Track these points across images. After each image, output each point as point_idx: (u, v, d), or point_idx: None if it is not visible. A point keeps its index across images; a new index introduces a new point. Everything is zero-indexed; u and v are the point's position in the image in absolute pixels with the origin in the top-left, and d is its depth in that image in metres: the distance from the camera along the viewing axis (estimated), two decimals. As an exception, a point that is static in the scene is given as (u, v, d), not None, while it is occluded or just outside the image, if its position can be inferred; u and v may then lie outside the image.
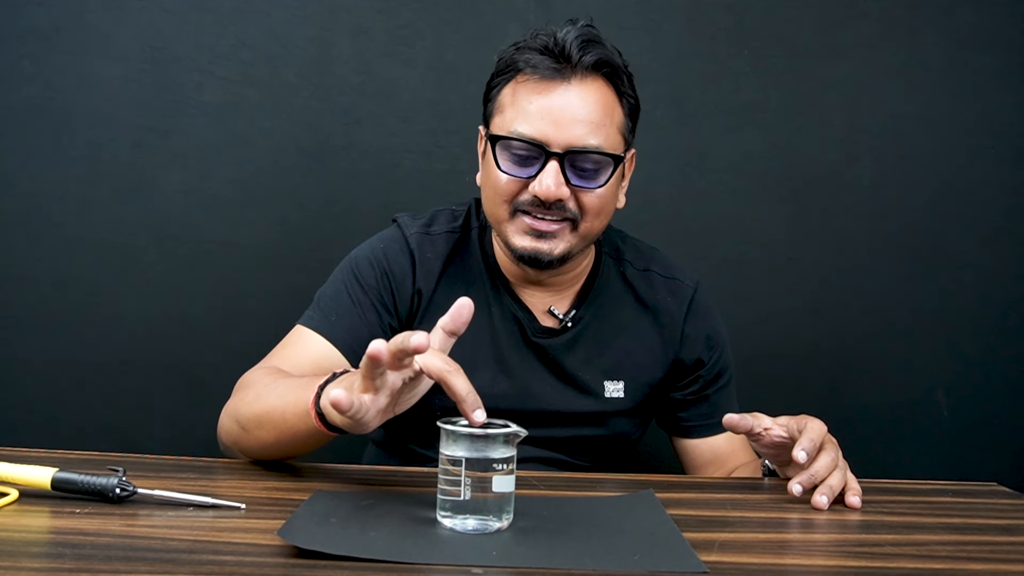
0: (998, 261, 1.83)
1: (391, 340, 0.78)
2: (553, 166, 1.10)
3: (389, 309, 1.20)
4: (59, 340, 1.72)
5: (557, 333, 1.23)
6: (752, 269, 1.80)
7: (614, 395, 1.24)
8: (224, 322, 1.74)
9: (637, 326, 1.26)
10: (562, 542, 0.80)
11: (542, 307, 1.23)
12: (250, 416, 1.00)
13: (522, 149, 1.11)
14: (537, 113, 1.10)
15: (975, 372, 1.83)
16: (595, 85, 1.12)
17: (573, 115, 1.10)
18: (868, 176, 1.82)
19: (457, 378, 0.80)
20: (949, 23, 1.80)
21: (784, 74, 1.80)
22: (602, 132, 1.11)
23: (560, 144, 1.10)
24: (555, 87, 1.11)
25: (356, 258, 1.23)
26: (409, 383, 0.84)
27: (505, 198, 1.14)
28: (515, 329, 1.22)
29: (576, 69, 1.11)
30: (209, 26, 1.71)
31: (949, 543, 0.87)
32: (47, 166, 1.71)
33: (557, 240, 1.14)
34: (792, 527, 0.91)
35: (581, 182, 1.12)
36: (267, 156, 1.74)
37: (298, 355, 1.13)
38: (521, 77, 1.12)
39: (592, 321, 1.24)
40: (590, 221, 1.15)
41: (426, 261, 1.21)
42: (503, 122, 1.13)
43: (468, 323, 0.86)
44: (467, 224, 1.26)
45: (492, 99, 1.17)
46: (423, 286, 1.21)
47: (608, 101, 1.13)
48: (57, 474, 0.86)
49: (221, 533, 0.78)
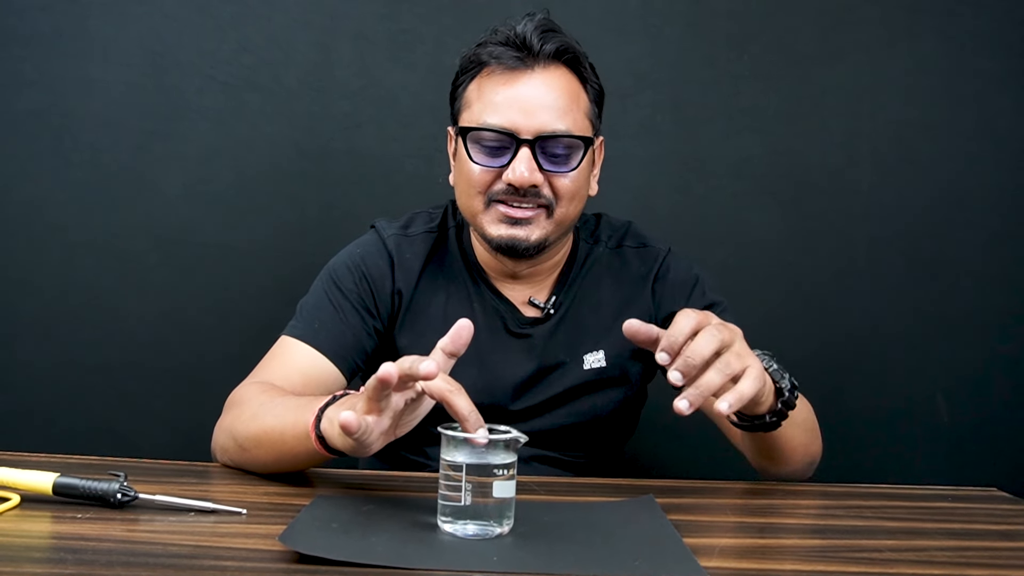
0: (997, 265, 1.83)
1: (399, 363, 0.78)
2: (525, 153, 1.11)
3: (371, 312, 1.21)
4: (60, 343, 1.72)
5: (540, 322, 1.23)
6: (751, 273, 1.80)
7: (595, 365, 1.23)
8: (225, 326, 1.74)
9: (614, 299, 1.26)
10: (563, 547, 0.80)
11: (522, 299, 1.24)
12: (247, 436, 1.00)
13: (493, 140, 1.13)
14: (505, 103, 1.12)
15: (974, 376, 1.84)
16: (558, 72, 1.14)
17: (540, 102, 1.12)
18: (867, 180, 1.82)
19: (459, 398, 0.81)
20: (948, 28, 1.81)
21: (784, 79, 1.80)
22: (569, 117, 1.13)
23: (530, 131, 1.11)
24: (520, 76, 1.13)
25: (334, 265, 1.24)
26: (410, 405, 0.85)
27: (479, 189, 1.15)
28: (498, 323, 1.23)
29: (539, 58, 1.13)
30: (210, 31, 1.72)
31: (949, 548, 0.87)
32: (49, 170, 1.71)
33: (533, 227, 1.15)
34: (792, 532, 0.92)
35: (553, 167, 1.13)
36: (268, 161, 1.74)
37: (286, 367, 1.13)
38: (486, 71, 1.15)
39: (572, 305, 1.25)
40: (564, 206, 1.16)
41: (405, 261, 1.22)
42: (471, 116, 1.15)
43: (468, 344, 0.86)
44: (444, 223, 1.28)
45: (459, 96, 1.19)
46: (403, 286, 1.22)
47: (573, 88, 1.15)
48: (58, 479, 0.86)
49: (222, 538, 0.78)
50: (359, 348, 1.19)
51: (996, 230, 1.83)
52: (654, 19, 1.78)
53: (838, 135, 1.81)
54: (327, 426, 0.88)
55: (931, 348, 1.83)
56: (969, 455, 1.83)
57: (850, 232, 1.82)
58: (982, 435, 1.84)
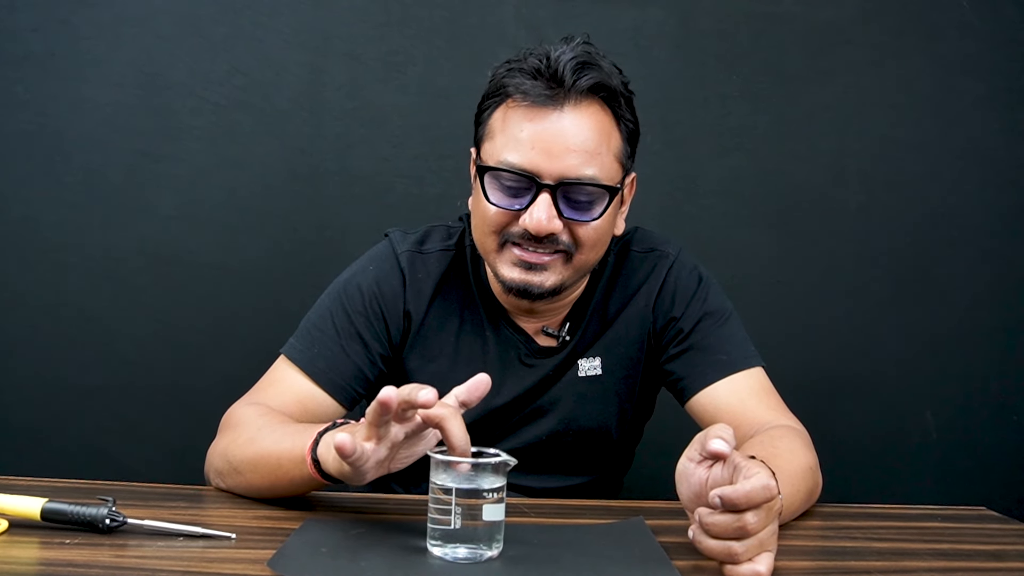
0: (985, 284, 1.84)
1: (400, 390, 0.78)
2: (544, 199, 1.05)
3: (379, 337, 1.16)
4: (51, 363, 1.72)
5: (555, 352, 1.19)
6: (740, 292, 1.80)
7: (590, 372, 1.19)
8: (216, 346, 1.74)
9: (614, 305, 1.21)
10: (552, 570, 0.80)
11: (536, 328, 1.20)
12: (243, 459, 0.99)
13: (512, 180, 1.06)
14: (528, 141, 1.04)
15: (963, 394, 1.85)
16: (590, 110, 1.06)
17: (566, 144, 1.04)
18: (856, 200, 1.83)
19: (453, 423, 0.80)
20: (935, 50, 1.83)
21: (772, 98, 1.82)
22: (597, 161, 1.06)
23: (552, 175, 1.04)
24: (547, 113, 1.04)
25: (344, 284, 1.18)
26: (408, 439, 0.84)
27: (494, 229, 1.09)
28: (511, 355, 1.19)
29: (570, 94, 1.05)
30: (203, 52, 1.73)
31: (938, 570, 0.87)
32: (41, 190, 1.71)
33: (548, 272, 1.09)
34: (781, 554, 0.91)
35: (575, 214, 1.06)
36: (260, 181, 1.75)
37: (283, 395, 1.11)
38: (511, 102, 1.07)
39: (583, 327, 1.20)
40: (585, 253, 1.10)
41: (417, 282, 1.17)
42: (493, 149, 1.08)
43: (484, 397, 0.85)
44: (461, 242, 1.21)
45: (483, 122, 1.12)
46: (412, 308, 1.17)
47: (604, 127, 1.07)
48: (47, 504, 0.85)
49: (211, 564, 0.78)
50: (359, 377, 1.15)
51: (984, 248, 1.84)
52: (643, 40, 1.80)
53: (826, 154, 1.83)
54: (323, 451, 0.87)
55: (920, 366, 1.84)
56: (958, 473, 1.84)
57: (838, 250, 1.83)
58: (971, 453, 1.84)
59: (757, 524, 0.78)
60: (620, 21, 1.79)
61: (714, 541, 0.79)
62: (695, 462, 0.85)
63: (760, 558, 0.79)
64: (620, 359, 1.21)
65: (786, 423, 1.11)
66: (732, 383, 1.15)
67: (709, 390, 1.15)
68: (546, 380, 1.20)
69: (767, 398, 1.15)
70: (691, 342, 1.18)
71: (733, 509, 0.77)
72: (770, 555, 0.80)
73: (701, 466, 0.85)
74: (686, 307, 1.19)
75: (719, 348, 1.17)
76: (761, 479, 0.77)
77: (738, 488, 0.77)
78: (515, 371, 1.19)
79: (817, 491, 1.07)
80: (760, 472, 0.79)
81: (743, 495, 0.76)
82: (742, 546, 0.78)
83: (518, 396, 1.19)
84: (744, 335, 1.20)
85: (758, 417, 1.11)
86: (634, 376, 1.22)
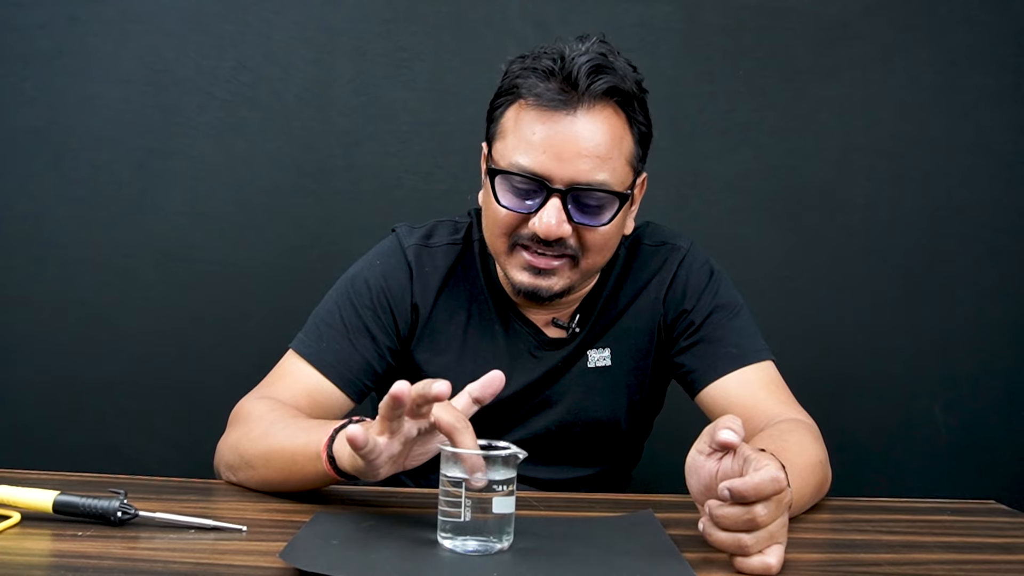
0: (993, 279, 1.84)
1: (414, 386, 0.79)
2: (555, 203, 1.04)
3: (386, 331, 1.17)
4: (60, 361, 1.72)
5: (564, 343, 1.20)
6: (747, 288, 1.78)
7: (599, 363, 1.19)
8: (224, 342, 1.74)
9: (625, 297, 1.21)
10: (562, 563, 0.80)
11: (546, 319, 1.20)
12: (256, 453, 0.99)
13: (523, 183, 1.06)
14: (540, 144, 1.04)
15: (972, 389, 1.84)
16: (604, 114, 1.05)
17: (578, 148, 1.03)
18: (863, 195, 1.83)
19: (465, 435, 0.80)
20: (942, 44, 1.82)
21: (779, 94, 1.82)
22: (609, 166, 1.05)
23: (563, 180, 1.04)
24: (560, 116, 1.04)
25: (352, 278, 1.19)
26: (422, 437, 0.85)
27: (504, 231, 1.09)
28: (520, 347, 1.19)
29: (583, 97, 1.04)
30: (210, 49, 1.73)
31: (948, 562, 0.87)
32: (49, 188, 1.72)
33: (556, 277, 1.10)
34: (790, 547, 0.91)
35: (584, 219, 1.07)
36: (267, 177, 1.75)
37: (293, 388, 1.12)
38: (524, 102, 1.06)
39: (593, 318, 1.20)
40: (592, 257, 1.10)
41: (424, 275, 1.18)
42: (504, 149, 1.08)
43: (497, 393, 0.86)
44: (468, 236, 1.22)
45: (495, 120, 1.11)
46: (420, 301, 1.18)
47: (617, 131, 1.07)
48: (59, 497, 0.86)
49: (223, 556, 0.79)
50: (367, 371, 1.15)
51: (992, 244, 1.84)
52: (650, 35, 1.79)
53: (833, 150, 1.83)
54: (339, 447, 0.87)
55: (929, 361, 1.83)
56: (968, 468, 1.83)
57: (846, 246, 1.83)
58: (980, 447, 1.84)
59: (767, 516, 0.78)
60: (626, 16, 1.78)
61: (724, 533, 0.79)
62: (704, 455, 0.85)
63: (770, 550, 0.79)
64: (630, 350, 1.21)
65: (796, 416, 1.11)
66: (743, 376, 1.15)
67: (720, 382, 1.16)
68: (555, 371, 1.20)
69: (777, 391, 1.16)
70: (702, 334, 1.18)
71: (742, 501, 0.77)
72: (780, 547, 0.80)
73: (711, 459, 0.85)
74: (697, 300, 1.20)
75: (730, 341, 1.17)
76: (770, 471, 0.78)
77: (747, 480, 0.77)
78: (524, 363, 1.19)
79: (826, 485, 1.07)
80: (769, 464, 0.79)
81: (752, 487, 0.77)
82: (752, 538, 0.78)
83: (527, 386, 1.19)
84: (755, 328, 1.21)
85: (768, 410, 1.12)
86: (644, 367, 1.22)
